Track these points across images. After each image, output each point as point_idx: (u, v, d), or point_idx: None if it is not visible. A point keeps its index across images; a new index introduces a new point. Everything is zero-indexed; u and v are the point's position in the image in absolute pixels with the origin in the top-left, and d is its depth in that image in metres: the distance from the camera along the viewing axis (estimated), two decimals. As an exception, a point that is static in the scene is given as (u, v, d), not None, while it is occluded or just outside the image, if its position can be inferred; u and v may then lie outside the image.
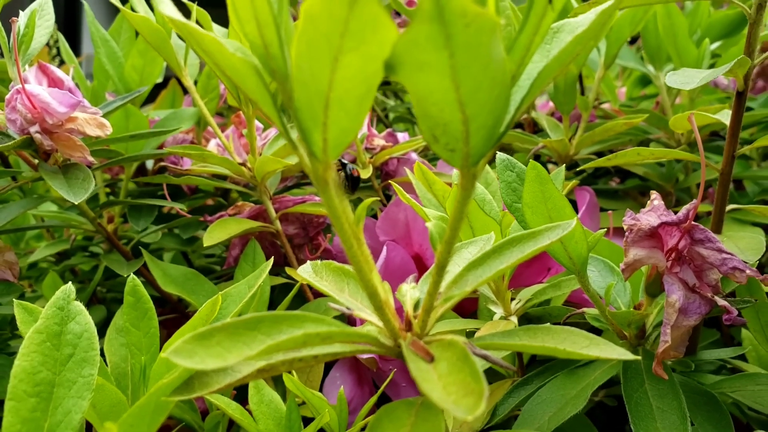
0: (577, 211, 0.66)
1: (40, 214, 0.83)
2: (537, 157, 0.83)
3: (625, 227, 0.41)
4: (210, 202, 0.92)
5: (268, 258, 0.62)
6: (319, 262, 0.41)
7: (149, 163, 0.88)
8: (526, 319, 0.51)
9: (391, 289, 0.57)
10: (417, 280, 0.62)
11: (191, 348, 0.29)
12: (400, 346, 0.34)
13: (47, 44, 1.41)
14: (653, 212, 0.40)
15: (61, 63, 1.28)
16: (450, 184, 0.56)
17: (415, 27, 0.22)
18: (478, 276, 0.36)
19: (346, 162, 0.48)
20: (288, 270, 0.62)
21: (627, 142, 0.75)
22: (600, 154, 0.76)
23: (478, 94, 0.26)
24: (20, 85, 0.53)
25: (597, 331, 0.50)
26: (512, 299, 0.52)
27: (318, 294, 0.68)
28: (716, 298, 0.40)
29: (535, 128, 0.89)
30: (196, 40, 0.29)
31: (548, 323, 0.51)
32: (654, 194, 0.41)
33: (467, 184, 0.30)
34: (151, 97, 1.04)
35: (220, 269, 0.89)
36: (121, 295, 0.83)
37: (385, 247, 0.60)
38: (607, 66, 0.72)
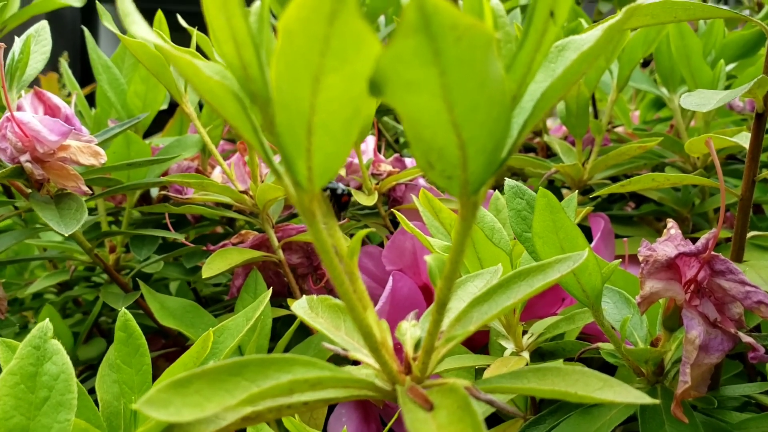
0: (591, 239, 0.63)
1: (41, 244, 0.81)
2: (550, 182, 0.80)
3: (640, 258, 0.38)
4: (219, 230, 0.90)
5: (270, 288, 0.60)
6: (314, 296, 0.38)
7: (155, 192, 0.87)
8: (539, 354, 0.48)
9: (398, 322, 0.54)
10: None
11: (166, 397, 0.27)
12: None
13: (58, 71, 1.41)
14: (670, 242, 0.38)
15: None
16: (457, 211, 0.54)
17: (399, 41, 0.20)
18: (484, 313, 0.33)
19: (334, 186, 0.44)
20: (290, 302, 0.60)
21: (642, 166, 0.72)
22: (614, 179, 0.74)
23: (474, 116, 0.24)
24: (9, 113, 0.51)
25: (612, 367, 0.48)
26: (524, 332, 0.49)
27: (322, 326, 0.66)
28: (740, 333, 0.37)
29: (548, 152, 0.87)
30: (172, 62, 0.27)
31: (561, 359, 0.49)
32: (670, 223, 0.39)
33: (467, 214, 0.28)
34: (161, 125, 1.03)
35: (226, 299, 0.86)
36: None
37: (391, 278, 0.58)
38: (620, 88, 0.70)
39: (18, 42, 0.62)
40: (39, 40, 0.67)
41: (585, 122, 0.68)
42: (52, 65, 0.97)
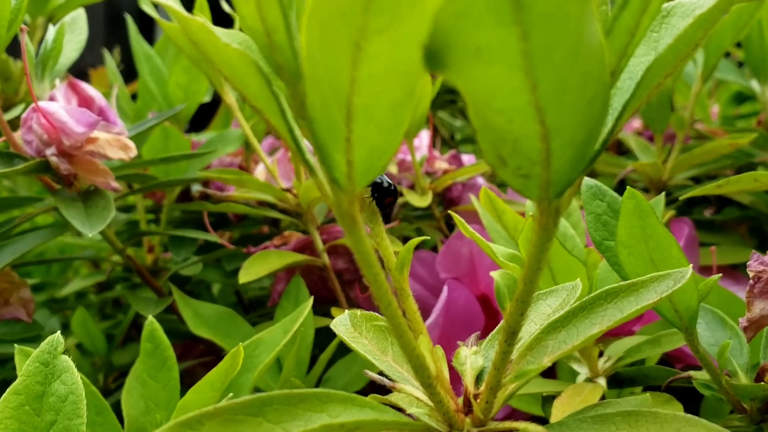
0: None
1: (80, 243, 0.78)
2: (620, 183, 0.74)
3: (750, 274, 0.32)
4: (266, 229, 0.86)
5: (314, 295, 0.55)
6: (358, 313, 0.33)
7: (197, 188, 0.83)
8: (617, 380, 0.42)
9: (454, 337, 0.48)
10: (483, 329, 0.54)
11: (170, 442, 0.22)
12: (455, 435, 0.25)
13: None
14: (788, 256, 0.31)
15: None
16: (523, 214, 0.48)
17: (470, -15, 0.14)
18: (561, 342, 0.27)
19: (380, 179, 0.36)
20: (334, 311, 0.55)
21: (728, 165, 0.65)
22: (698, 179, 0.67)
23: (563, 97, 0.18)
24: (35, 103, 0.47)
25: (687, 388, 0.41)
26: (600, 353, 0.43)
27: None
28: None
29: (620, 149, 0.80)
30: (183, 26, 0.22)
31: (642, 386, 0.42)
32: (789, 233, 0.32)
33: (547, 222, 0.22)
34: (210, 120, 0.99)
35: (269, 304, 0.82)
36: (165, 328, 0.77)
37: (445, 287, 0.52)
38: (705, 79, 0.63)
39: (51, 30, 0.58)
40: (74, 29, 0.63)
41: (666, 116, 0.61)
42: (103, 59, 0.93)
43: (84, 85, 0.59)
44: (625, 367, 0.41)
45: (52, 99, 0.57)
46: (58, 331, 0.33)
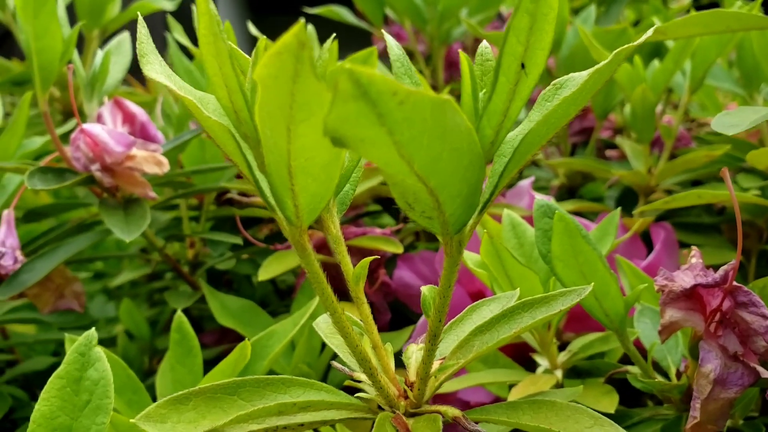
0: (651, 249, 0.62)
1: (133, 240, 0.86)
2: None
3: (656, 288, 0.37)
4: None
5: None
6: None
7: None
8: (575, 372, 0.48)
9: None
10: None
11: (164, 413, 0.29)
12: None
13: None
14: (690, 271, 0.37)
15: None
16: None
17: (338, 106, 0.21)
18: (485, 342, 0.34)
19: None
20: (343, 305, 0.61)
21: (717, 171, 0.69)
22: (685, 185, 0.71)
23: (438, 166, 0.24)
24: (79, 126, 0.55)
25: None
26: (564, 348, 0.49)
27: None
28: (759, 369, 0.35)
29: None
30: (179, 101, 0.28)
31: (599, 378, 0.48)
32: (694, 250, 0.38)
33: (452, 252, 0.29)
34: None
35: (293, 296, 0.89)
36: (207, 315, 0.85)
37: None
38: (693, 90, 0.67)
39: (99, 55, 0.66)
40: (120, 52, 0.71)
41: (651, 127, 0.66)
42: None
43: (128, 103, 0.67)
44: (582, 360, 0.47)
45: (99, 116, 0.65)
46: (93, 328, 0.41)
